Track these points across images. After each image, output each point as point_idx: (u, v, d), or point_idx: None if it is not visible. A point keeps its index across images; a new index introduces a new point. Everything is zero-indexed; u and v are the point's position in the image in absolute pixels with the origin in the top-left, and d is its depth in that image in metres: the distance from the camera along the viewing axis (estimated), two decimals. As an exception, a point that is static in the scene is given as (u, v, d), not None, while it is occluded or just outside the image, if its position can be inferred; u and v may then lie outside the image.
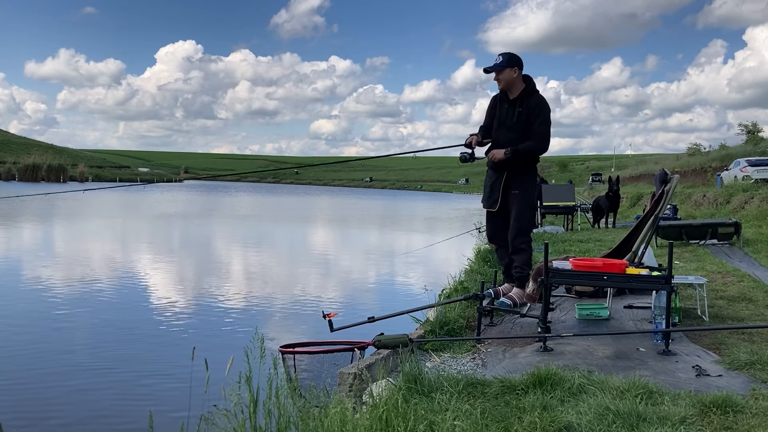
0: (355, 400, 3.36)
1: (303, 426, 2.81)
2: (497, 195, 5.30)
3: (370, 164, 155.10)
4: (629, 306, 5.62)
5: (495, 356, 4.21)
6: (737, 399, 3.03)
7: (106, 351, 6.08)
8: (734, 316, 5.28)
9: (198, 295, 9.03)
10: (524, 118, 5.16)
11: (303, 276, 11.37)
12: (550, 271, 4.45)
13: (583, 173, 78.95)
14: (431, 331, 4.66)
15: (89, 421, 4.44)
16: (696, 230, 10.81)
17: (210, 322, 7.40)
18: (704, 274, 7.15)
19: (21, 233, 17.41)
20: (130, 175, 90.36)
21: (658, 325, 4.35)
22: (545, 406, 2.97)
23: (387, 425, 2.66)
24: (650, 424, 2.74)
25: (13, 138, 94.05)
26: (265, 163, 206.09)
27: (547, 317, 4.45)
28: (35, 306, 7.87)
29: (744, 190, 17.92)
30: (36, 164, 66.56)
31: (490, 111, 5.44)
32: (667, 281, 4.26)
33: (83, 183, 67.50)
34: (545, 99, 5.26)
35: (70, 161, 76.39)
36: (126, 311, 7.86)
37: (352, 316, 5.13)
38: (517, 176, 5.25)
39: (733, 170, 22.62)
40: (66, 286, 9.25)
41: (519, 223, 5.25)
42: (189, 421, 2.86)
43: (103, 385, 5.11)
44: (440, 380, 3.31)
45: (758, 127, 43.07)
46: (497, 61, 5.19)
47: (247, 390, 2.91)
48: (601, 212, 16.31)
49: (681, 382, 3.49)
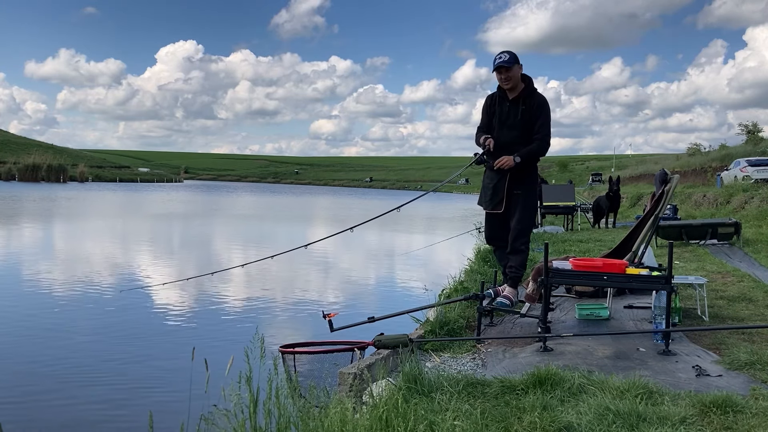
0: (355, 400, 3.35)
1: (303, 426, 2.81)
2: (501, 196, 5.19)
3: (370, 164, 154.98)
4: (629, 306, 5.62)
5: (495, 356, 4.21)
6: (737, 399, 3.02)
7: (106, 351, 6.09)
8: (734, 316, 5.28)
9: (198, 294, 9.03)
10: (527, 116, 5.09)
11: (303, 276, 11.37)
12: (550, 271, 4.44)
13: (583, 173, 78.95)
14: (431, 331, 4.66)
15: (89, 421, 4.44)
16: (696, 230, 10.81)
17: (210, 322, 7.41)
18: (704, 274, 7.15)
19: (21, 233, 17.42)
20: (130, 175, 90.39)
21: (658, 325, 4.35)
22: (545, 406, 2.96)
23: (387, 425, 2.66)
24: (650, 424, 2.74)
25: (13, 138, 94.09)
26: (266, 162, 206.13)
27: (547, 317, 4.45)
28: (35, 306, 7.87)
29: (744, 190, 17.93)
30: (36, 164, 66.61)
31: (487, 110, 5.31)
32: (667, 281, 4.26)
33: (83, 183, 67.56)
34: (546, 99, 5.21)
35: (70, 161, 76.42)
36: (126, 311, 7.87)
37: (352, 316, 5.12)
38: (520, 177, 5.18)
39: (733, 170, 22.62)
40: (66, 285, 9.25)
41: (520, 224, 5.19)
42: (189, 421, 2.86)
43: (103, 385, 5.11)
44: (440, 380, 3.31)
45: (758, 127, 43.13)
46: (503, 58, 5.01)
47: (247, 390, 2.91)
48: (601, 212, 16.30)
49: (681, 382, 3.49)
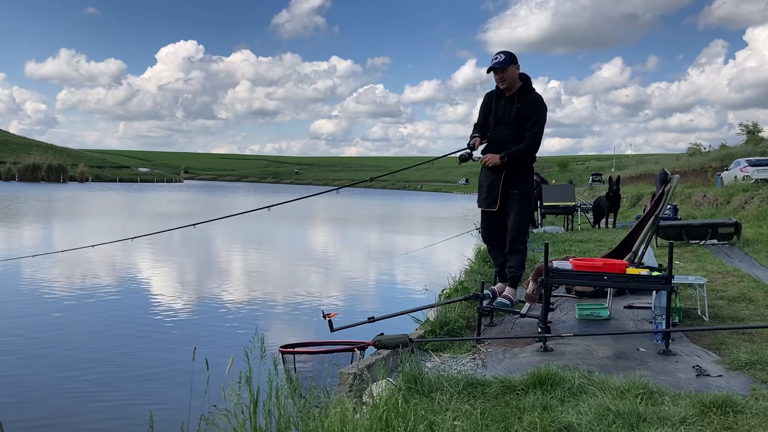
0: (355, 400, 3.35)
1: (303, 426, 2.81)
2: (496, 194, 5.23)
3: (370, 164, 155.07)
4: (629, 306, 5.62)
5: (495, 356, 4.21)
6: (737, 399, 3.03)
7: (107, 351, 6.08)
8: (734, 316, 5.28)
9: (198, 295, 9.03)
10: (522, 114, 5.12)
11: (303, 276, 11.38)
12: (550, 271, 4.44)
13: (583, 173, 78.97)
14: (431, 331, 4.66)
15: (89, 421, 4.44)
16: (696, 230, 10.82)
17: (210, 322, 7.40)
18: (704, 274, 7.15)
19: (21, 233, 17.41)
20: (130, 175, 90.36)
21: (658, 325, 4.35)
22: (545, 406, 2.97)
23: (387, 425, 2.66)
24: (650, 425, 2.74)
25: (13, 138, 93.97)
26: (266, 162, 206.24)
27: (547, 317, 4.45)
28: (35, 306, 7.87)
29: (744, 190, 17.92)
30: (36, 164, 66.57)
31: (484, 108, 5.36)
32: (667, 281, 4.26)
33: (83, 183, 67.56)
34: (542, 97, 5.22)
35: (70, 161, 76.34)
36: (126, 311, 7.87)
37: (352, 316, 5.13)
38: (516, 176, 5.21)
39: (733, 170, 22.62)
40: (66, 285, 9.25)
41: (518, 224, 5.22)
42: (189, 421, 2.86)
43: (104, 385, 5.11)
44: (440, 380, 3.31)
45: (758, 127, 43.15)
46: (499, 59, 5.04)
47: (247, 390, 2.92)
48: (601, 212, 16.30)
49: (681, 382, 3.49)
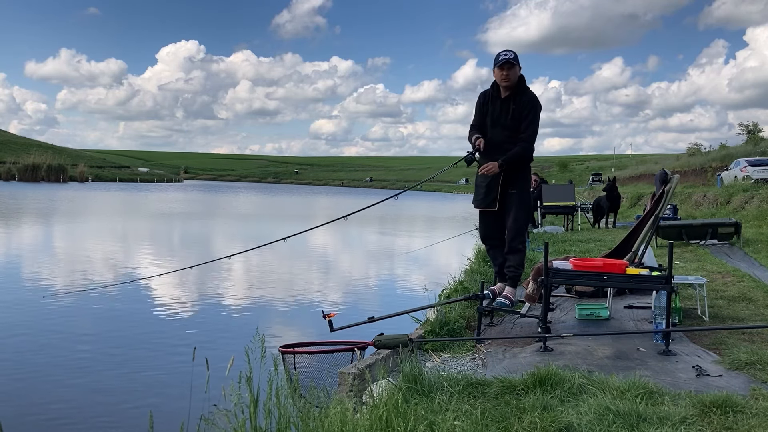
0: (355, 400, 3.35)
1: (303, 426, 2.81)
2: (495, 194, 5.24)
3: (370, 164, 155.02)
4: (629, 306, 5.62)
5: (495, 356, 4.20)
6: (737, 399, 3.02)
7: (107, 351, 6.08)
8: (734, 316, 5.28)
9: (199, 295, 9.03)
10: (517, 115, 5.12)
11: (303, 276, 11.37)
12: (550, 271, 4.44)
13: (583, 173, 78.91)
14: (431, 331, 4.65)
15: (89, 421, 4.44)
16: (696, 230, 10.82)
17: (211, 322, 7.41)
18: (704, 274, 7.15)
19: (21, 232, 17.42)
20: (130, 175, 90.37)
21: (658, 325, 4.35)
22: (545, 406, 2.96)
23: (387, 425, 2.66)
24: (650, 425, 2.74)
25: (13, 138, 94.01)
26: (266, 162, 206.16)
27: (547, 317, 4.45)
28: (35, 305, 7.86)
29: (744, 190, 17.93)
30: (36, 164, 66.58)
31: (480, 108, 5.33)
32: (667, 281, 4.26)
33: (83, 183, 67.53)
34: (537, 97, 5.21)
35: (70, 161, 76.35)
36: (126, 311, 7.87)
37: (352, 316, 5.13)
38: (514, 176, 5.22)
39: (733, 170, 22.63)
40: (66, 285, 9.24)
41: (517, 223, 5.24)
42: (189, 421, 2.86)
43: (104, 385, 5.11)
44: (440, 380, 3.31)
45: (758, 127, 43.19)
46: (509, 55, 5.02)
47: (248, 390, 2.92)
48: (601, 212, 16.31)
49: (681, 382, 3.49)
